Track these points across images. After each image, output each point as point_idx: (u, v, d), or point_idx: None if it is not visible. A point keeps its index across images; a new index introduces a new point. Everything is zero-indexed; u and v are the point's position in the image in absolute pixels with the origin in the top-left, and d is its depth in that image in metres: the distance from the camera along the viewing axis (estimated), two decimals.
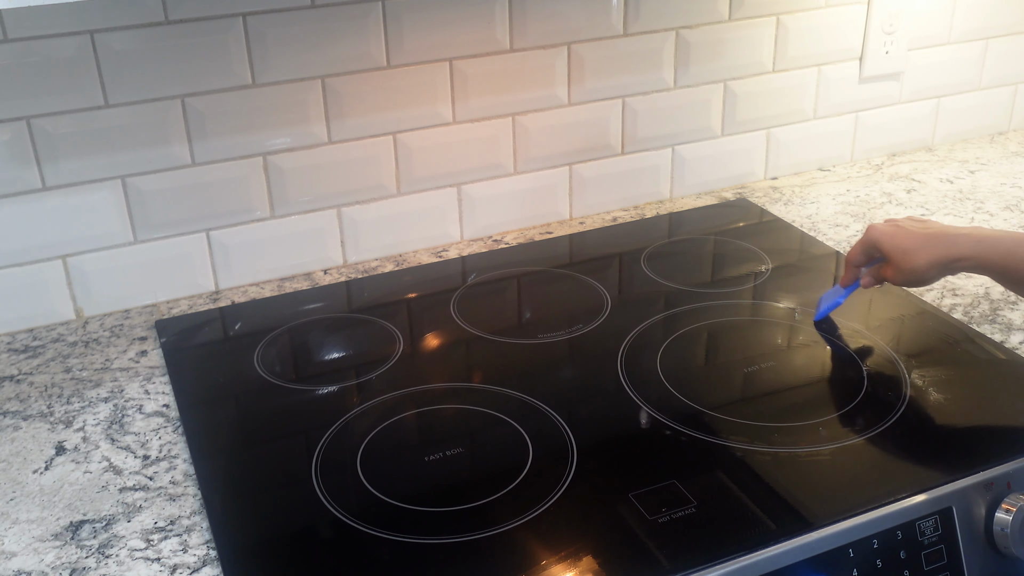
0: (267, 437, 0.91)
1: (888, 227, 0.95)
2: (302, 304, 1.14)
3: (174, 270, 1.15)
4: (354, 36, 1.13)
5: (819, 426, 0.87)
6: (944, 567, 0.78)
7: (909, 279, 0.94)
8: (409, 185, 1.23)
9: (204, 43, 1.06)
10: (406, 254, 1.26)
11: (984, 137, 1.61)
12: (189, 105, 1.08)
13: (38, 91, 1.01)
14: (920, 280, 0.93)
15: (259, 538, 0.78)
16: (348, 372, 1.01)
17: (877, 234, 0.96)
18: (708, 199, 1.40)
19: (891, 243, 0.94)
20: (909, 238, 0.92)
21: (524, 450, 0.85)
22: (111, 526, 0.79)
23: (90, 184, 1.07)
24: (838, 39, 1.41)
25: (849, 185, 1.43)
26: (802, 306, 1.09)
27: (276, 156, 1.15)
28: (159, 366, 1.02)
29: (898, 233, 0.94)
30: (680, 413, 0.90)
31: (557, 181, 1.32)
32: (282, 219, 1.18)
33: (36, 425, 0.93)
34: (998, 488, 0.80)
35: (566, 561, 0.73)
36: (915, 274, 0.92)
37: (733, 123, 1.40)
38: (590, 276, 1.18)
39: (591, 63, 1.26)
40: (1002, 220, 1.30)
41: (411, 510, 0.79)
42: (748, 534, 0.75)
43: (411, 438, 0.91)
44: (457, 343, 1.05)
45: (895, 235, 0.94)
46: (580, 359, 1.02)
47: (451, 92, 1.20)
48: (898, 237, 0.93)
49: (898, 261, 0.93)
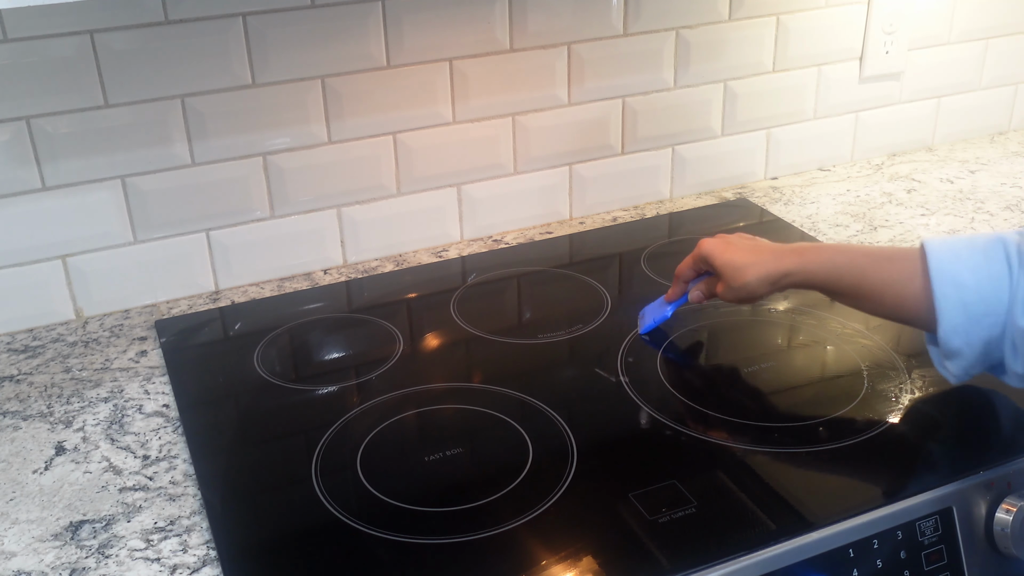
0: (267, 437, 0.91)
1: (719, 243, 0.94)
2: (302, 304, 1.14)
3: (174, 270, 1.15)
4: (354, 36, 1.13)
5: (819, 426, 0.87)
6: (944, 567, 0.78)
7: (739, 295, 0.92)
8: (409, 185, 1.23)
9: (204, 43, 1.06)
10: (406, 254, 1.26)
11: (984, 137, 1.61)
12: (189, 105, 1.08)
13: (38, 91, 1.01)
14: (750, 296, 0.91)
15: (259, 538, 0.78)
16: (348, 372, 1.01)
17: (708, 249, 0.94)
18: (708, 199, 1.40)
19: (722, 259, 0.92)
20: (739, 254, 0.91)
21: (524, 450, 0.85)
22: (111, 526, 0.79)
23: (90, 184, 1.07)
24: (838, 39, 1.41)
25: (849, 185, 1.43)
26: (803, 306, 1.09)
27: (276, 156, 1.15)
28: (159, 366, 1.02)
29: (728, 249, 0.92)
30: (680, 413, 0.90)
31: (557, 181, 1.32)
32: (282, 219, 1.18)
33: (36, 425, 0.93)
34: (998, 488, 0.80)
35: (566, 561, 0.73)
36: (745, 290, 0.90)
37: (733, 123, 1.40)
38: (590, 276, 1.18)
39: (591, 63, 1.26)
40: (1002, 220, 1.30)
41: (411, 510, 0.79)
42: (748, 534, 0.75)
43: (411, 438, 0.91)
44: (457, 343, 1.05)
45: (726, 251, 0.92)
46: (580, 359, 1.02)
47: (451, 92, 1.20)
48: (728, 252, 0.92)
49: (728, 277, 0.91)
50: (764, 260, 0.89)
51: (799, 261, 0.88)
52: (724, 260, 0.92)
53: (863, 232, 1.27)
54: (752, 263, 0.90)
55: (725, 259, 0.92)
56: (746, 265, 0.90)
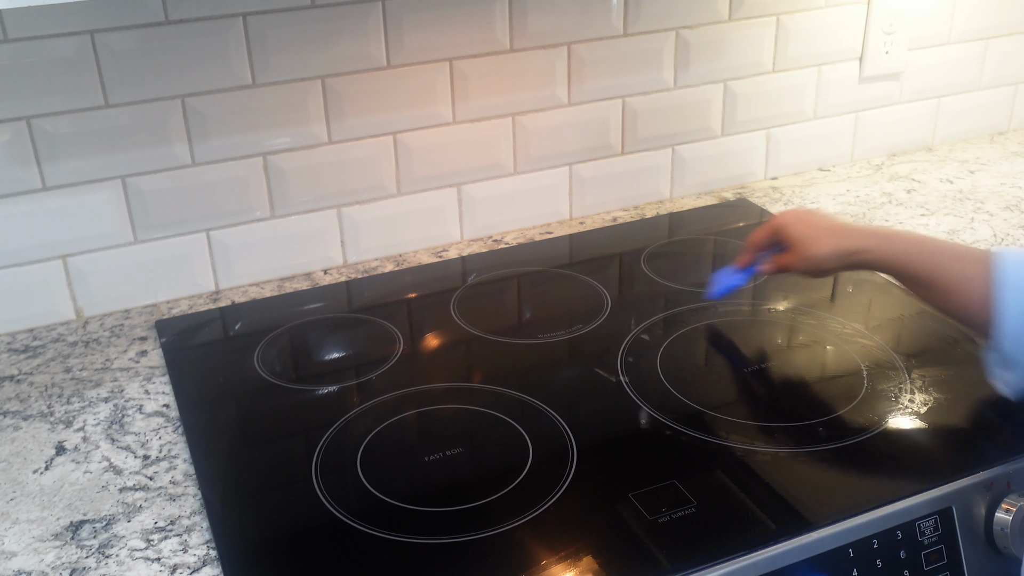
0: (267, 437, 0.91)
1: (797, 213, 0.96)
2: (302, 304, 1.14)
3: (174, 270, 1.15)
4: (354, 36, 1.13)
5: (819, 426, 0.87)
6: (944, 567, 0.78)
7: (809, 267, 0.93)
8: (409, 185, 1.23)
9: (204, 43, 1.06)
10: (406, 254, 1.26)
11: (984, 137, 1.61)
12: (189, 105, 1.08)
13: (38, 91, 1.01)
14: (819, 268, 0.92)
15: (259, 538, 0.78)
16: (348, 372, 1.01)
17: (784, 219, 0.96)
18: (708, 199, 1.40)
19: (796, 228, 0.94)
20: (815, 227, 0.93)
21: (524, 450, 0.85)
22: (111, 526, 0.79)
23: (90, 184, 1.07)
24: (838, 39, 1.41)
25: (849, 185, 1.43)
26: (803, 306, 1.09)
27: (276, 156, 1.15)
28: (159, 366, 1.02)
29: (804, 220, 0.94)
30: (680, 413, 0.90)
31: (557, 181, 1.32)
32: (282, 219, 1.18)
33: (36, 425, 0.93)
34: (998, 488, 0.80)
35: (566, 561, 0.73)
36: (814, 260, 0.92)
37: (733, 123, 1.40)
38: (590, 276, 1.18)
39: (591, 63, 1.26)
40: (1002, 220, 1.30)
41: (411, 510, 0.79)
42: (748, 534, 0.75)
43: (411, 438, 0.91)
44: (457, 343, 1.05)
45: (802, 221, 0.94)
46: (580, 359, 1.02)
47: (451, 92, 1.20)
48: (804, 224, 0.94)
49: (802, 247, 0.92)
50: (839, 234, 0.91)
51: (875, 242, 0.89)
52: (799, 231, 0.93)
53: None
54: (827, 235, 0.91)
55: (799, 230, 0.93)
56: (820, 236, 0.91)
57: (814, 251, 0.91)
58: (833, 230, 0.92)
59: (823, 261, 0.91)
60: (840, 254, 0.90)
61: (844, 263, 0.91)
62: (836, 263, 0.91)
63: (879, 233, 0.91)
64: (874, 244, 0.89)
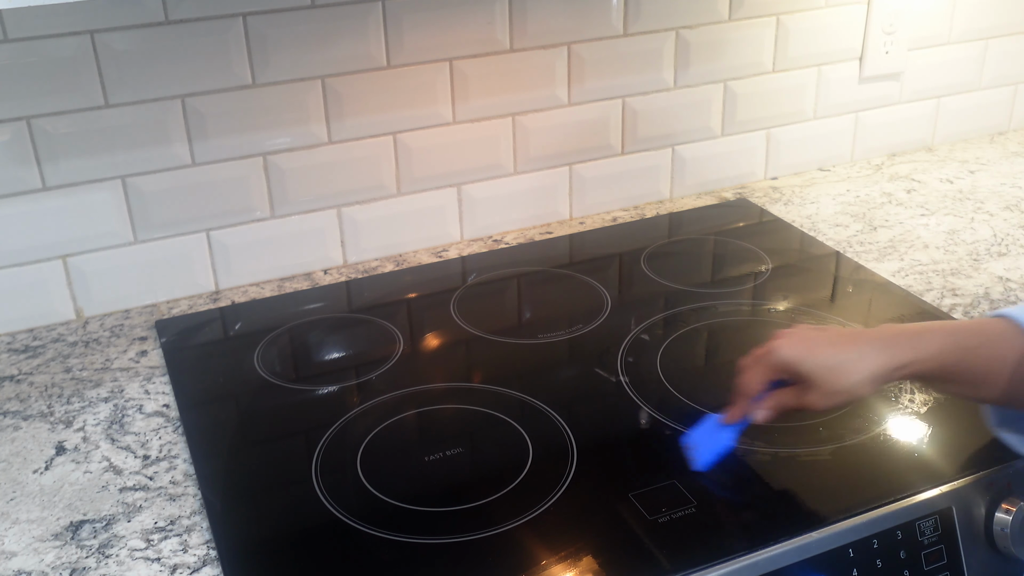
0: (267, 437, 0.91)
1: (799, 343, 0.76)
2: (302, 304, 1.14)
3: (174, 270, 1.15)
4: (354, 36, 1.13)
5: (819, 426, 0.87)
6: (944, 567, 0.78)
7: (840, 400, 0.75)
8: (409, 185, 1.23)
9: (204, 43, 1.06)
10: (406, 254, 1.26)
11: (984, 137, 1.61)
12: (189, 105, 1.08)
13: (38, 91, 1.01)
14: (853, 399, 0.75)
15: (259, 538, 0.78)
16: (348, 372, 1.01)
17: (788, 353, 0.75)
18: (708, 199, 1.40)
19: (812, 361, 0.74)
20: (831, 351, 0.75)
21: (524, 450, 0.85)
22: (111, 526, 0.79)
23: (90, 184, 1.07)
24: (838, 39, 1.41)
25: (849, 185, 1.43)
26: (803, 306, 1.09)
27: (276, 156, 1.15)
28: (159, 366, 1.02)
29: (814, 347, 0.75)
30: (680, 413, 0.90)
31: (557, 181, 1.32)
32: (282, 219, 1.18)
33: (36, 425, 0.93)
34: (998, 488, 0.80)
35: (566, 561, 0.73)
36: (849, 393, 0.74)
37: (733, 123, 1.40)
38: (590, 276, 1.18)
39: (591, 63, 1.26)
40: (1002, 220, 1.30)
41: (411, 510, 0.79)
42: (748, 534, 0.75)
43: (411, 438, 0.91)
44: (457, 343, 1.05)
45: (812, 350, 0.75)
46: (580, 359, 1.02)
47: (451, 92, 1.20)
48: (817, 352, 0.75)
49: (824, 382, 0.74)
50: (866, 354, 0.74)
51: (914, 350, 0.74)
52: (814, 363, 0.74)
53: (863, 232, 1.27)
54: (852, 358, 0.74)
55: (815, 361, 0.74)
56: (845, 362, 0.74)
57: (844, 383, 0.73)
58: (854, 349, 0.75)
59: (858, 392, 0.74)
60: (878, 378, 0.74)
61: (881, 386, 0.75)
62: (871, 388, 0.74)
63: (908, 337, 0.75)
64: (914, 354, 0.74)
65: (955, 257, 1.20)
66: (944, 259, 1.20)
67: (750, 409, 0.79)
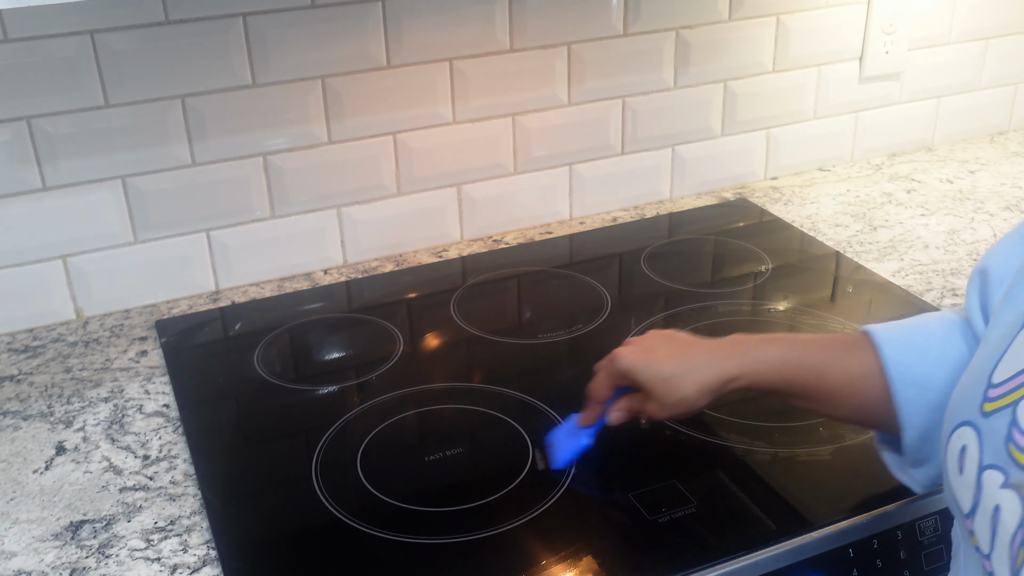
0: (267, 437, 0.91)
1: (638, 351, 0.77)
2: (302, 304, 1.14)
3: (174, 270, 1.15)
4: (354, 36, 1.13)
5: (819, 426, 0.87)
6: (944, 567, 0.78)
7: (676, 411, 0.75)
8: (409, 185, 1.23)
9: (204, 43, 1.06)
10: (406, 254, 1.26)
11: (984, 137, 1.61)
12: (189, 105, 1.08)
13: (38, 91, 1.01)
14: (689, 410, 0.75)
15: (259, 538, 0.78)
16: (348, 372, 1.01)
17: (626, 362, 0.76)
18: (708, 199, 1.40)
19: (647, 371, 0.75)
20: (666, 362, 0.75)
21: (524, 450, 0.85)
22: (111, 526, 0.79)
23: (90, 184, 1.07)
24: (838, 39, 1.41)
25: (849, 185, 1.43)
26: (803, 306, 1.09)
27: (276, 156, 1.15)
28: (159, 366, 1.02)
29: (651, 357, 0.76)
30: None
31: (557, 181, 1.32)
32: (282, 219, 1.18)
33: (36, 425, 0.93)
34: None
35: (566, 561, 0.73)
36: (683, 405, 0.74)
37: (733, 123, 1.40)
38: (590, 276, 1.18)
39: (591, 63, 1.26)
40: (1002, 220, 1.30)
41: (411, 510, 0.79)
42: (748, 534, 0.75)
43: (411, 438, 0.91)
44: (457, 343, 1.05)
45: (649, 360, 0.76)
46: (580, 359, 1.02)
47: (451, 92, 1.20)
48: (653, 363, 0.75)
49: (660, 393, 0.75)
50: (698, 366, 0.74)
51: (742, 363, 0.73)
52: (650, 373, 0.75)
53: (863, 232, 1.27)
54: (685, 371, 0.74)
55: (651, 371, 0.75)
56: (678, 374, 0.74)
57: (676, 395, 0.74)
58: (688, 361, 0.75)
59: (691, 403, 0.74)
60: (708, 390, 0.74)
61: (716, 397, 0.75)
62: (706, 400, 0.74)
63: (742, 347, 0.75)
64: (742, 367, 0.73)
65: (955, 257, 1.20)
66: (944, 259, 1.20)
67: (603, 412, 0.81)
